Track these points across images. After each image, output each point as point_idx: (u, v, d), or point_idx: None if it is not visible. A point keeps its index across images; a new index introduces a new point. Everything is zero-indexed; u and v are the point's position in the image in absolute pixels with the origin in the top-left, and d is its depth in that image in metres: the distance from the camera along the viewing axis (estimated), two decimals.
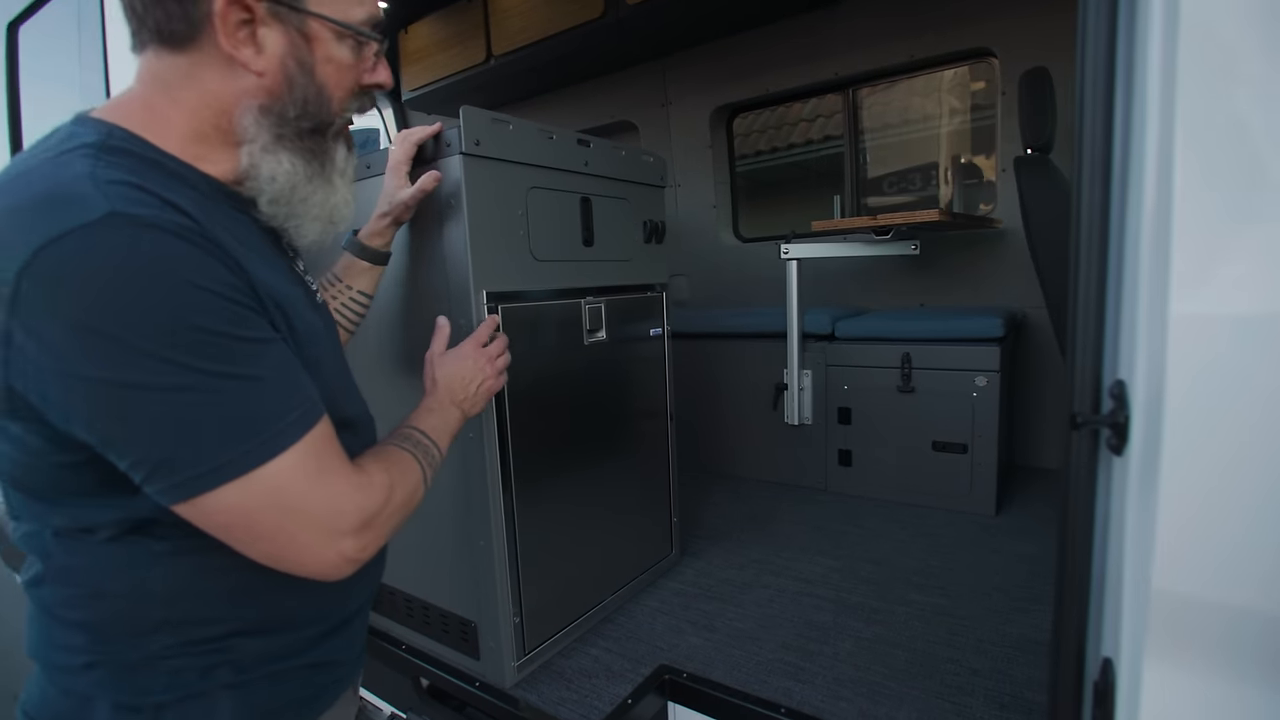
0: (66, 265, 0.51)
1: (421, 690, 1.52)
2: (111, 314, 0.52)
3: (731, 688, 1.29)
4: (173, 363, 0.53)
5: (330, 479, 0.63)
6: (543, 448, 1.39)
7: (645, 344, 1.71)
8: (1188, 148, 0.49)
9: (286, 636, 0.72)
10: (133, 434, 0.54)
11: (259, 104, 0.67)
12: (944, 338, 2.10)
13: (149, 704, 0.65)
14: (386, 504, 0.68)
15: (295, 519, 0.61)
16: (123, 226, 0.53)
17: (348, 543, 0.64)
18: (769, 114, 3.95)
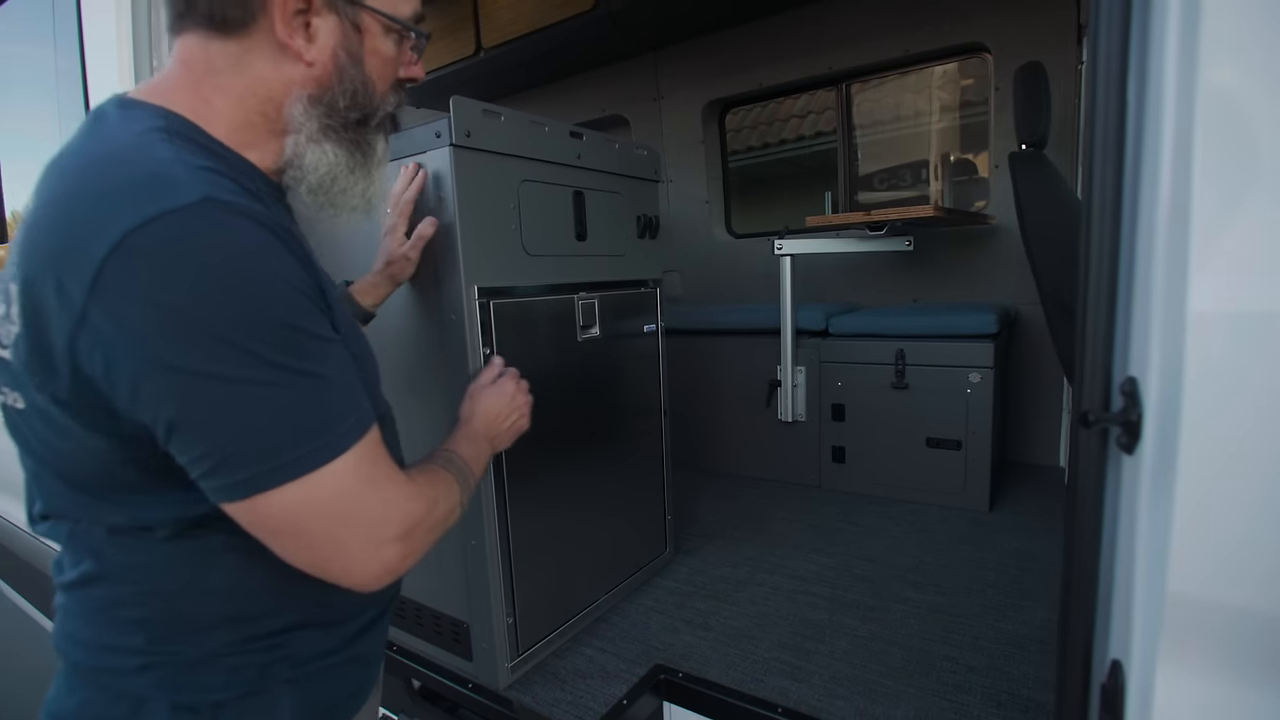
0: (159, 248, 0.50)
1: (413, 692, 1.49)
2: (201, 301, 0.51)
3: (728, 687, 1.28)
4: (253, 355, 0.53)
5: (382, 485, 0.62)
6: (536, 446, 1.36)
7: (639, 340, 1.69)
8: (1208, 137, 0.48)
9: (334, 631, 0.72)
10: (203, 424, 0.53)
11: (309, 94, 0.67)
12: (938, 334, 2.10)
13: (208, 703, 0.64)
14: (428, 515, 0.67)
15: (346, 524, 0.60)
16: (216, 213, 0.53)
17: (391, 550, 0.62)
18: (761, 109, 3.94)
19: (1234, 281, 0.47)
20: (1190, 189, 0.49)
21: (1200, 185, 0.48)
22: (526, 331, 1.34)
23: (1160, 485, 0.52)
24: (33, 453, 0.63)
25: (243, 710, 0.65)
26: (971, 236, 2.60)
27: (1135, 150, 0.58)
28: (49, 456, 0.62)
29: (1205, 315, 0.48)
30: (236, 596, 0.65)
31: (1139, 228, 0.58)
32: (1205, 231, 0.48)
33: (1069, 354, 1.53)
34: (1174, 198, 0.52)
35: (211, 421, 0.53)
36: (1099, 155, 0.58)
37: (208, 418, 0.53)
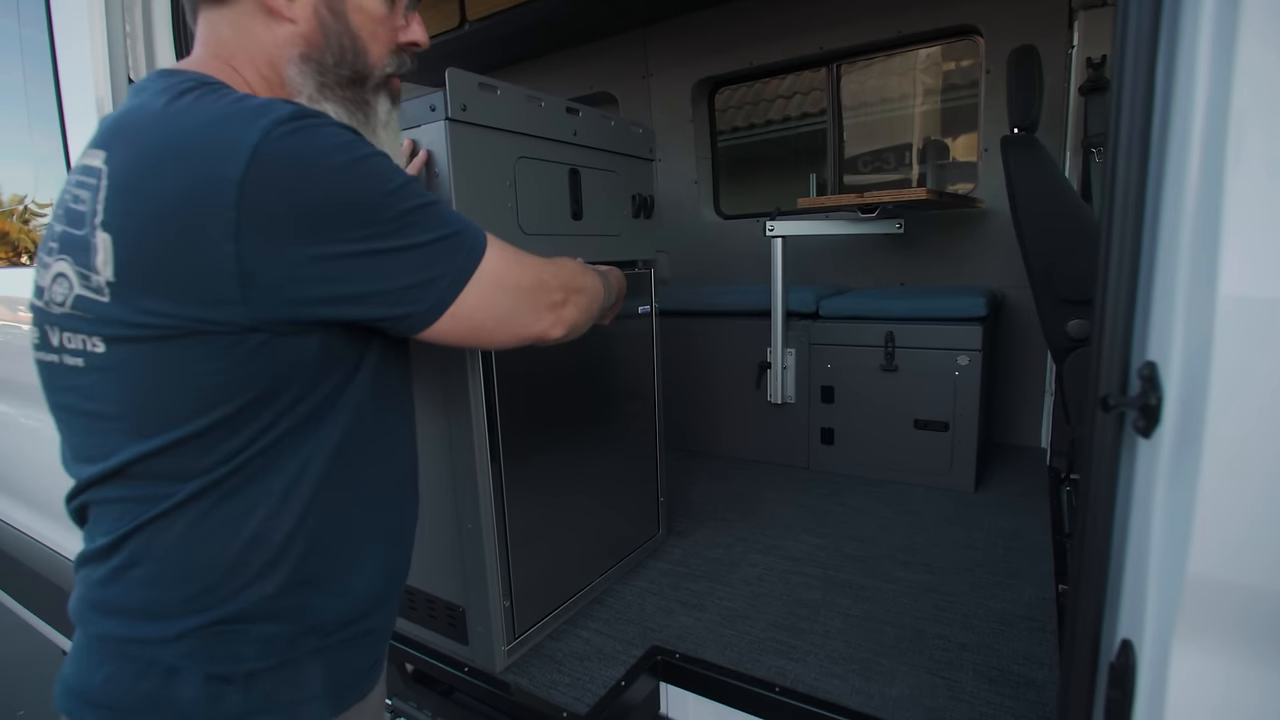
0: (285, 152, 0.57)
1: (407, 676, 1.49)
2: (340, 186, 0.59)
3: (725, 667, 1.29)
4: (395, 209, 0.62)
5: (527, 258, 0.76)
6: (529, 428, 1.35)
7: (634, 321, 1.67)
8: (1245, 114, 0.47)
9: (357, 600, 0.73)
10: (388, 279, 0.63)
11: (299, 52, 0.70)
12: (927, 317, 2.11)
13: (241, 673, 0.64)
14: (577, 278, 0.86)
15: (520, 293, 0.75)
16: (309, 117, 0.60)
17: (559, 298, 0.80)
18: (749, 89, 3.90)
19: (1268, 263, 0.47)
20: (1224, 170, 0.48)
21: (1233, 161, 0.48)
22: None
23: (1181, 469, 0.52)
24: (97, 402, 0.62)
25: (275, 680, 0.66)
26: (960, 220, 2.62)
27: (1162, 125, 0.57)
28: (123, 397, 0.61)
29: (1235, 300, 0.48)
30: (278, 564, 0.65)
31: (1164, 207, 0.57)
32: (1239, 214, 0.48)
33: (1058, 337, 1.55)
34: (1204, 179, 0.51)
35: (393, 274, 0.63)
36: (1124, 134, 0.57)
37: (390, 272, 0.63)
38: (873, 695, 1.20)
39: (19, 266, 1.80)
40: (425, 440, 1.26)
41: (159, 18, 1.30)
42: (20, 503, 1.95)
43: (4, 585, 2.10)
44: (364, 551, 0.73)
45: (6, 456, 1.94)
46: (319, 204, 0.58)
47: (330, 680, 0.70)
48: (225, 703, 0.63)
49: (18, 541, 1.93)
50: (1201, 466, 0.50)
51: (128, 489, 0.62)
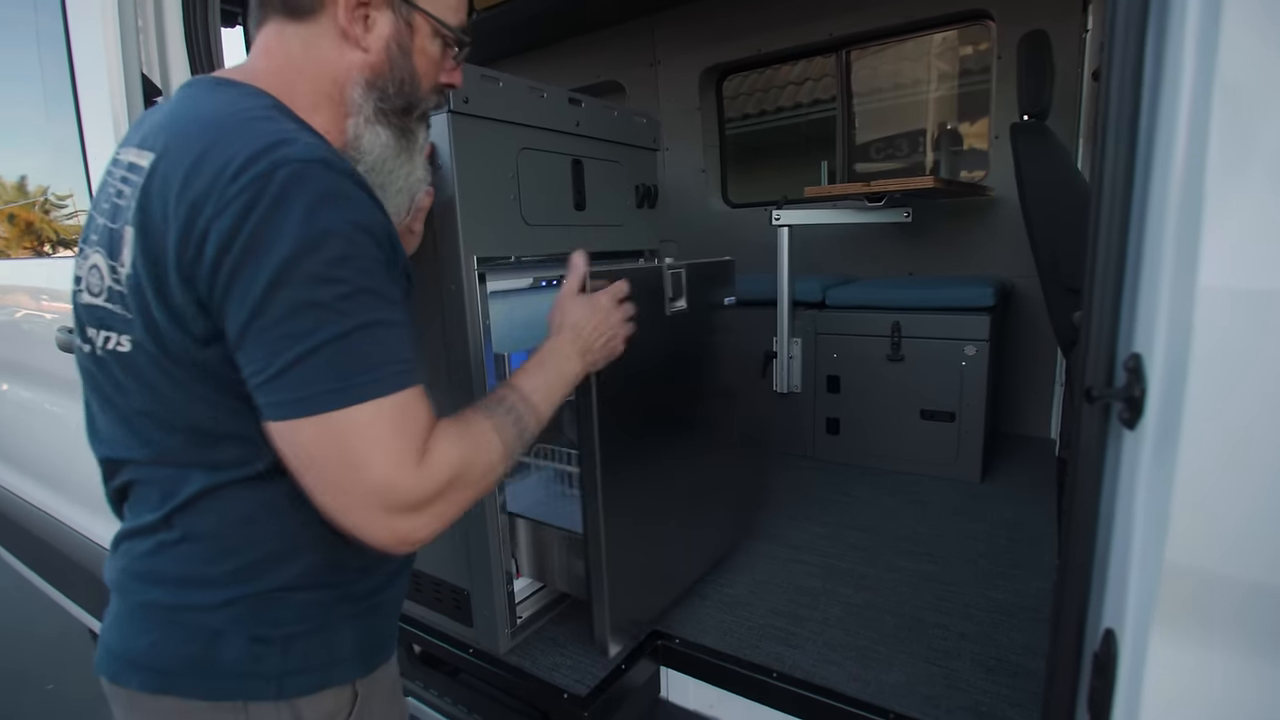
0: (275, 187, 0.57)
1: (414, 656, 1.52)
2: (289, 231, 0.57)
3: (723, 653, 1.30)
4: (309, 288, 0.57)
5: (397, 448, 0.61)
6: (624, 430, 1.28)
7: (721, 314, 1.57)
8: (1226, 107, 0.47)
9: (381, 570, 0.77)
10: (259, 341, 0.58)
11: (365, 78, 0.75)
12: (935, 306, 2.10)
13: (280, 635, 0.69)
14: (448, 489, 0.65)
15: (352, 477, 0.60)
16: (325, 170, 0.60)
17: (396, 521, 0.62)
18: (758, 76, 3.87)
19: (1246, 257, 0.47)
20: (1205, 161, 0.48)
21: (1215, 157, 0.48)
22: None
23: (1161, 460, 0.53)
24: (122, 396, 0.67)
25: (310, 642, 0.70)
26: (970, 209, 2.59)
27: (1150, 120, 0.57)
28: (146, 398, 0.65)
29: (1215, 291, 0.48)
30: (307, 531, 0.68)
31: (1150, 201, 0.57)
32: (1218, 205, 0.48)
33: (1064, 327, 1.54)
34: (1188, 170, 0.51)
35: (269, 342, 0.58)
36: (1112, 125, 0.58)
37: (267, 336, 0.58)
38: (869, 682, 1.21)
39: (44, 257, 1.84)
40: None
41: (170, 13, 1.32)
42: (49, 488, 2.00)
43: (36, 567, 2.17)
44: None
45: (36, 441, 2.00)
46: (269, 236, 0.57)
47: (360, 643, 0.75)
48: (265, 662, 0.68)
49: (48, 526, 1.99)
50: (1178, 457, 0.50)
51: (169, 471, 0.67)
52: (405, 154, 0.82)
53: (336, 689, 0.73)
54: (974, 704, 1.14)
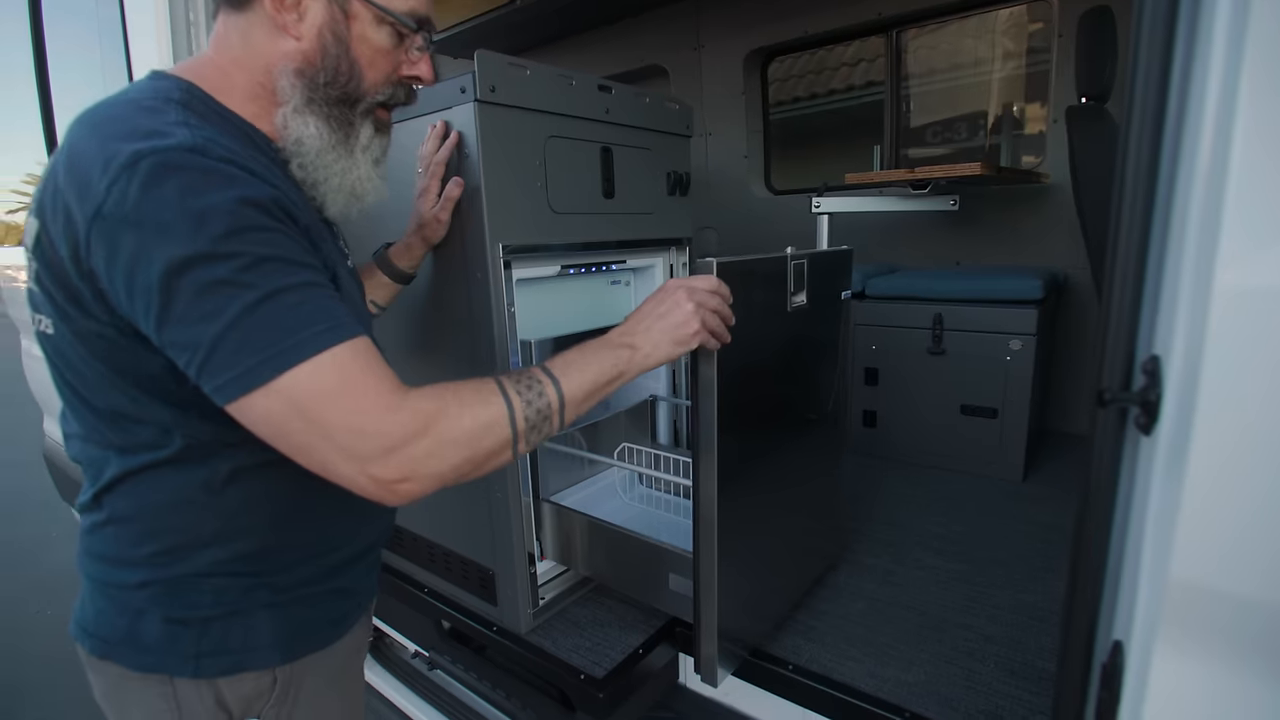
0: (143, 177, 0.57)
1: (443, 632, 1.58)
2: (179, 219, 0.56)
3: (741, 641, 1.30)
4: (205, 269, 0.56)
5: (353, 397, 0.60)
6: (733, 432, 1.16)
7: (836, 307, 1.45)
8: (1254, 94, 0.44)
9: (315, 561, 0.79)
10: (181, 330, 0.58)
11: (295, 67, 0.73)
12: (979, 298, 2.03)
13: (196, 618, 0.72)
14: (422, 434, 0.62)
15: (318, 433, 0.60)
16: (193, 155, 0.59)
17: (375, 468, 0.61)
18: (810, 57, 3.76)
19: (1270, 256, 0.44)
20: (1230, 151, 0.45)
21: (1241, 146, 0.45)
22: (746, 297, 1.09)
23: (1173, 469, 0.50)
24: (60, 376, 0.70)
25: (226, 627, 0.73)
26: (1023, 196, 2.48)
27: (1178, 110, 0.53)
28: (73, 379, 0.68)
29: (1232, 291, 0.45)
30: (226, 521, 0.71)
31: (1175, 193, 0.54)
32: (1242, 199, 0.45)
33: None
34: (1213, 162, 0.48)
35: (187, 331, 0.58)
36: (1138, 110, 0.54)
37: (184, 326, 0.57)
38: (887, 680, 1.19)
39: None
40: None
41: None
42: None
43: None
44: (327, 523, 0.79)
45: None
46: (150, 231, 0.57)
47: (281, 632, 0.76)
48: (181, 642, 0.72)
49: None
50: (1188, 468, 0.48)
51: (96, 452, 0.71)
52: (342, 148, 0.77)
53: (256, 673, 0.75)
54: (994, 708, 1.11)
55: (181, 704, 0.73)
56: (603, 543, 1.36)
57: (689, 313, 0.85)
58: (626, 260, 1.59)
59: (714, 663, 1.15)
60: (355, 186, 0.80)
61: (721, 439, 1.08)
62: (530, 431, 0.71)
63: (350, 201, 0.81)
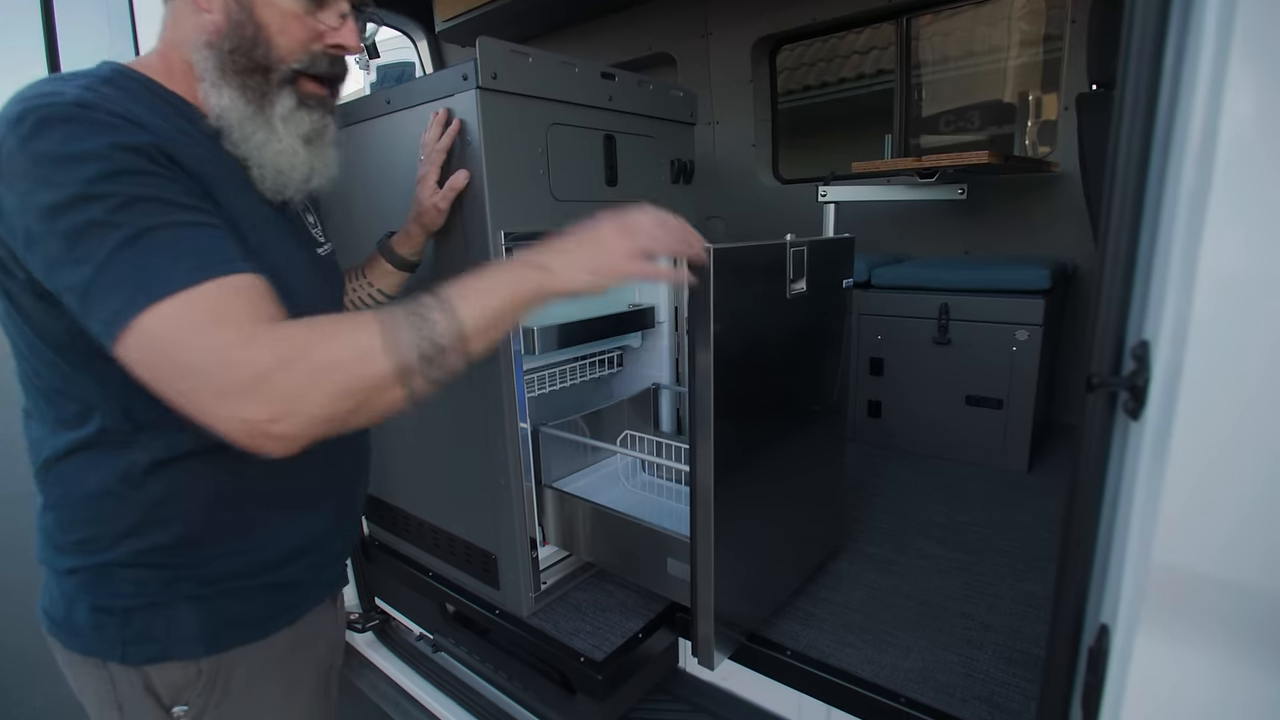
0: (26, 129, 0.58)
1: (447, 615, 1.60)
2: (38, 172, 0.58)
3: (740, 626, 1.31)
4: (76, 212, 0.57)
5: (218, 330, 0.57)
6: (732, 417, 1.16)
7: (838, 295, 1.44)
8: (1241, 78, 0.44)
9: (245, 556, 0.79)
10: (56, 270, 0.59)
11: (204, 40, 0.73)
12: (985, 288, 2.01)
13: (119, 607, 0.73)
14: (288, 362, 0.57)
15: (184, 372, 0.57)
16: (75, 108, 0.60)
17: (247, 406, 0.56)
18: (823, 44, 3.73)
19: (1255, 238, 0.44)
20: (1218, 133, 0.45)
21: (1229, 127, 0.44)
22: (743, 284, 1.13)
23: (1157, 454, 0.50)
24: (14, 349, 0.72)
25: (149, 617, 0.74)
26: (1033, 185, 2.45)
27: (1171, 92, 0.53)
28: (15, 352, 0.71)
29: (1218, 274, 0.45)
30: (145, 514, 0.72)
31: (1167, 174, 0.54)
32: (1229, 180, 0.45)
33: None
34: (1204, 143, 0.48)
35: (68, 274, 0.58)
36: (1130, 92, 0.54)
37: (65, 269, 0.58)
38: (884, 666, 1.20)
39: None
40: (464, 406, 1.33)
41: None
42: None
43: None
44: (252, 519, 0.78)
45: None
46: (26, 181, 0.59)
47: (207, 624, 0.76)
48: (108, 630, 0.74)
49: None
50: (1170, 450, 0.48)
51: (37, 431, 0.74)
52: (260, 118, 0.75)
53: (182, 663, 0.76)
54: (990, 694, 1.12)
55: (117, 686, 0.76)
56: (603, 528, 1.37)
57: (618, 245, 0.75)
58: None
59: (710, 645, 1.16)
60: (279, 161, 0.77)
61: (719, 424, 1.09)
62: (424, 365, 0.63)
63: (279, 179, 0.78)
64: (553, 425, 1.51)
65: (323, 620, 0.93)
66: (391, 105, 1.29)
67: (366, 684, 1.71)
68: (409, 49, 3.64)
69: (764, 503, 1.28)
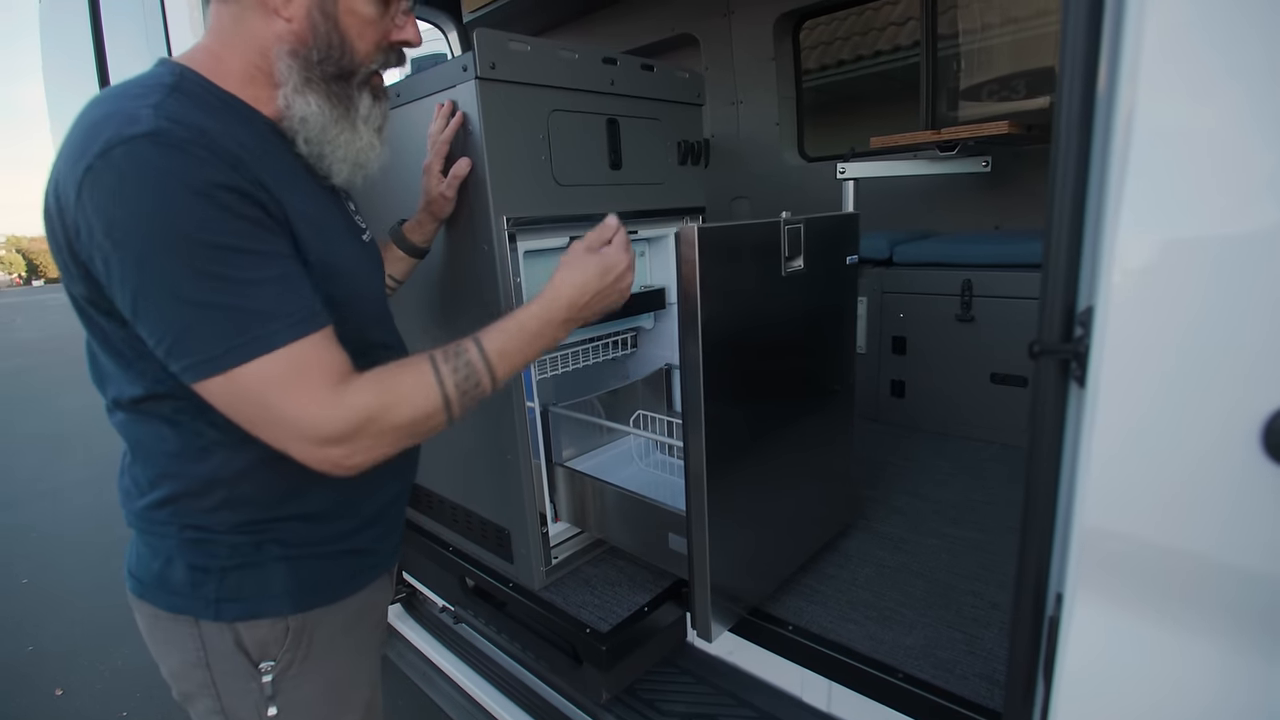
0: (112, 169, 0.61)
1: (467, 588, 1.67)
2: (144, 214, 0.61)
3: (744, 600, 1.34)
4: (184, 261, 0.61)
5: (301, 392, 0.66)
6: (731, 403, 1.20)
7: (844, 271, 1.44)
8: (1159, 48, 0.43)
9: (322, 525, 0.85)
10: (150, 317, 0.64)
11: (289, 48, 0.75)
12: (1009, 263, 1.96)
13: (216, 567, 0.79)
14: (367, 425, 0.69)
15: (271, 417, 0.67)
16: (156, 144, 0.62)
17: (329, 451, 0.68)
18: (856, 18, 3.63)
19: (1169, 205, 0.44)
20: (1135, 103, 0.45)
21: (1146, 99, 0.44)
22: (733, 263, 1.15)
23: (1087, 418, 0.50)
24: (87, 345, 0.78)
25: (242, 577, 0.79)
26: None
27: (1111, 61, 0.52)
28: (91, 347, 0.76)
29: (1136, 240, 0.45)
30: (237, 484, 0.77)
31: (1112, 143, 0.53)
32: (1145, 150, 0.44)
33: None
34: (1132, 113, 0.47)
35: (156, 315, 0.63)
36: (1069, 61, 0.53)
37: (154, 311, 0.63)
38: (884, 642, 1.21)
39: None
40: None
41: None
42: None
43: None
44: (317, 492, 0.83)
45: None
46: (128, 214, 0.61)
47: (291, 584, 0.82)
48: (204, 588, 0.79)
49: None
50: (1097, 414, 0.48)
51: (122, 417, 0.78)
52: (345, 121, 0.80)
53: (271, 620, 0.81)
54: (991, 671, 1.11)
55: (206, 643, 0.80)
56: (609, 504, 1.41)
57: (612, 286, 0.94)
58: (638, 231, 1.61)
59: (708, 617, 1.19)
60: (359, 156, 0.84)
61: (714, 401, 1.11)
62: (462, 401, 0.78)
63: (355, 170, 0.85)
64: (564, 405, 1.55)
65: (383, 587, 1.01)
66: (401, 98, 1.34)
67: (394, 653, 1.80)
68: (439, 40, 3.70)
69: (763, 479, 1.29)
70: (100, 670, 2.44)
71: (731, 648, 1.37)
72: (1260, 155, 0.43)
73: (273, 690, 0.83)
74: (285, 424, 0.67)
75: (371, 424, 0.70)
